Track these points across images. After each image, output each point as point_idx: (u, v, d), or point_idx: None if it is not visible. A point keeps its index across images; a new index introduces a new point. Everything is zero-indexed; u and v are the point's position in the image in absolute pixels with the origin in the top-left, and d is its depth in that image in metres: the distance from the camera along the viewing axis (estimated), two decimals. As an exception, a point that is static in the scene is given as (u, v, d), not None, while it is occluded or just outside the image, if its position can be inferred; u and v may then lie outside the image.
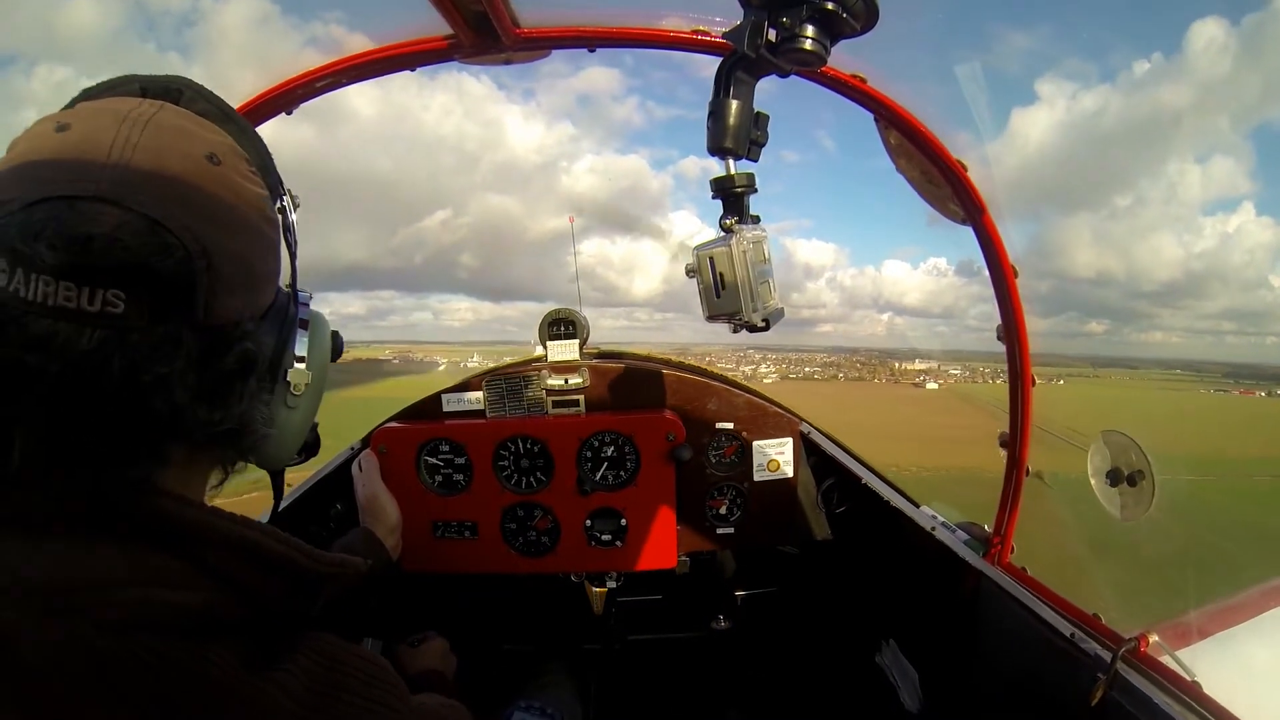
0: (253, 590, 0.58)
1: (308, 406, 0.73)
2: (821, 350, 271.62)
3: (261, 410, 0.65)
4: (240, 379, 0.60)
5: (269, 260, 0.65)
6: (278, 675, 0.53)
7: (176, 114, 0.62)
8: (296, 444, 0.75)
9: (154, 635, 0.49)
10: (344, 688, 0.57)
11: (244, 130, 0.69)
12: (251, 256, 0.61)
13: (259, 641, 0.56)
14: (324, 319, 0.77)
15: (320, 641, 0.59)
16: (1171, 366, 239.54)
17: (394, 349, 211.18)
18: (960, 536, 1.68)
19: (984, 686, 1.58)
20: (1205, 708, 1.05)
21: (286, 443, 0.72)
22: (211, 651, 0.51)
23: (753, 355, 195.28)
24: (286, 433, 0.71)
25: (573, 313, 1.82)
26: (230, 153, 0.63)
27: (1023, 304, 1.40)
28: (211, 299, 0.55)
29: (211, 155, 0.60)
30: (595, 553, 1.83)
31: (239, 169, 0.62)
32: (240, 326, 0.60)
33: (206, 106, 0.66)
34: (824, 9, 0.82)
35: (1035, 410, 1.48)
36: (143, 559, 0.53)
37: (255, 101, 1.22)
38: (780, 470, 1.91)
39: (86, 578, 0.50)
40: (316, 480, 1.83)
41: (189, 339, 0.54)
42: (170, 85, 0.65)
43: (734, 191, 1.01)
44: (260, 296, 0.63)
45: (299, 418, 0.72)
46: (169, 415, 0.54)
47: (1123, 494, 1.34)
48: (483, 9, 1.06)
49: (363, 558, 1.44)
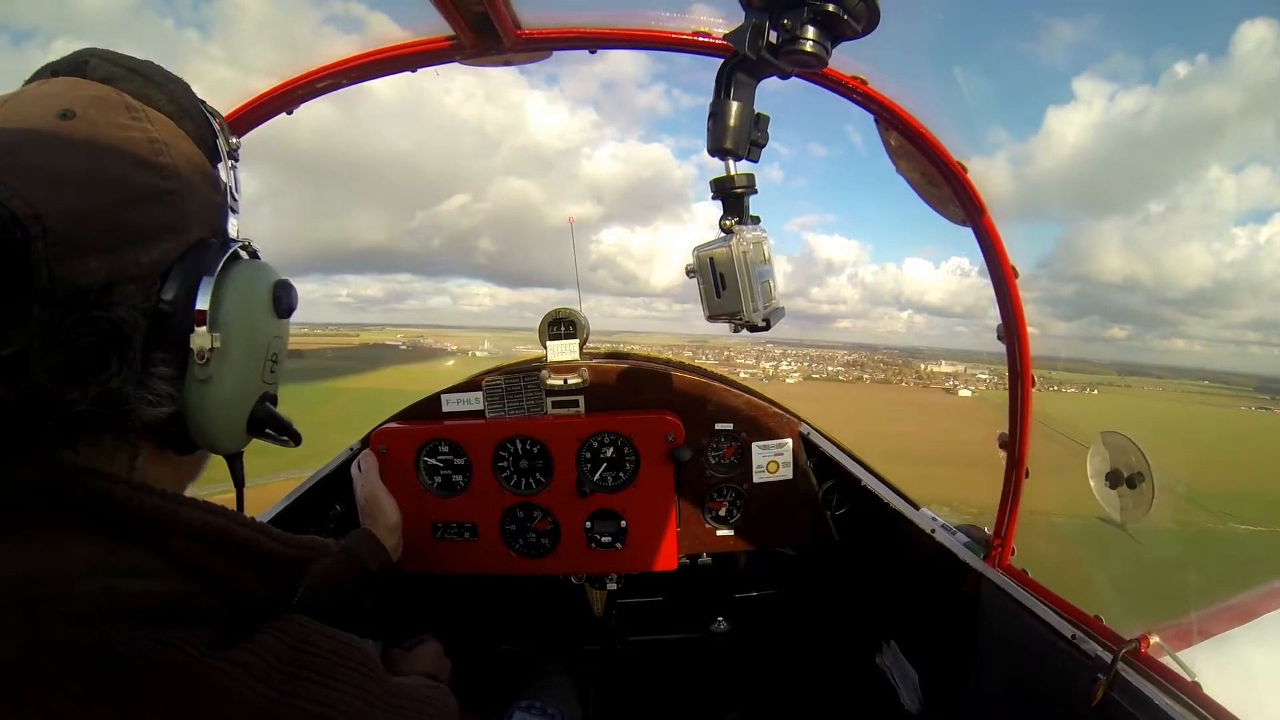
0: (222, 577, 0.58)
1: (230, 378, 0.62)
2: (842, 347, 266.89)
3: (159, 386, 0.58)
4: (105, 351, 0.53)
5: (147, 211, 0.57)
6: (242, 655, 0.52)
7: (58, 83, 0.60)
8: (228, 423, 0.65)
9: (120, 625, 0.49)
10: (312, 667, 0.56)
11: (154, 82, 0.64)
12: (110, 210, 0.54)
13: (228, 630, 0.55)
14: (259, 271, 0.67)
15: (289, 622, 0.58)
16: (1198, 377, 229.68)
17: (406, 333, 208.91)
18: (960, 539, 1.68)
19: (984, 688, 1.58)
20: (1206, 709, 1.05)
21: (208, 422, 0.62)
22: (178, 638, 0.50)
23: (772, 351, 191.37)
24: (204, 410, 0.61)
25: (573, 312, 1.82)
26: (99, 104, 0.58)
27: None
28: (55, 264, 0.50)
29: (65, 112, 0.55)
30: (595, 554, 1.83)
31: (110, 119, 0.57)
32: (110, 292, 0.53)
33: (112, 69, 0.63)
34: (825, 11, 0.82)
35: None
36: (108, 549, 0.53)
37: (256, 101, 1.22)
38: (779, 472, 1.90)
39: (51, 570, 0.50)
40: (316, 481, 1.83)
41: (39, 313, 0.49)
42: (77, 59, 0.63)
43: (734, 192, 1.01)
44: (136, 254, 0.55)
45: (218, 392, 0.61)
46: (37, 398, 0.50)
47: (1122, 496, 1.34)
48: (484, 10, 1.06)
49: (363, 558, 1.44)
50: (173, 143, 0.61)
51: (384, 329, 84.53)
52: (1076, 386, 13.92)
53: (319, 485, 1.82)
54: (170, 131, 0.62)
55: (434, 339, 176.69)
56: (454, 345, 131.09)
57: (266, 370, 0.68)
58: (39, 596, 0.48)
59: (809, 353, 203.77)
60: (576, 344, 1.81)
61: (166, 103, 0.64)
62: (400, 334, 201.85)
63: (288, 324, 0.71)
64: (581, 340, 1.82)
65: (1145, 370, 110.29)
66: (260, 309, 0.66)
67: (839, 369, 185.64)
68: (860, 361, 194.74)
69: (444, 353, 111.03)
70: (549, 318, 1.83)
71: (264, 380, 0.68)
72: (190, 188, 0.62)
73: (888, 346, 42.45)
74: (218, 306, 0.60)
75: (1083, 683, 1.21)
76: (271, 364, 0.69)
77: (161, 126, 0.61)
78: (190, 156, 0.63)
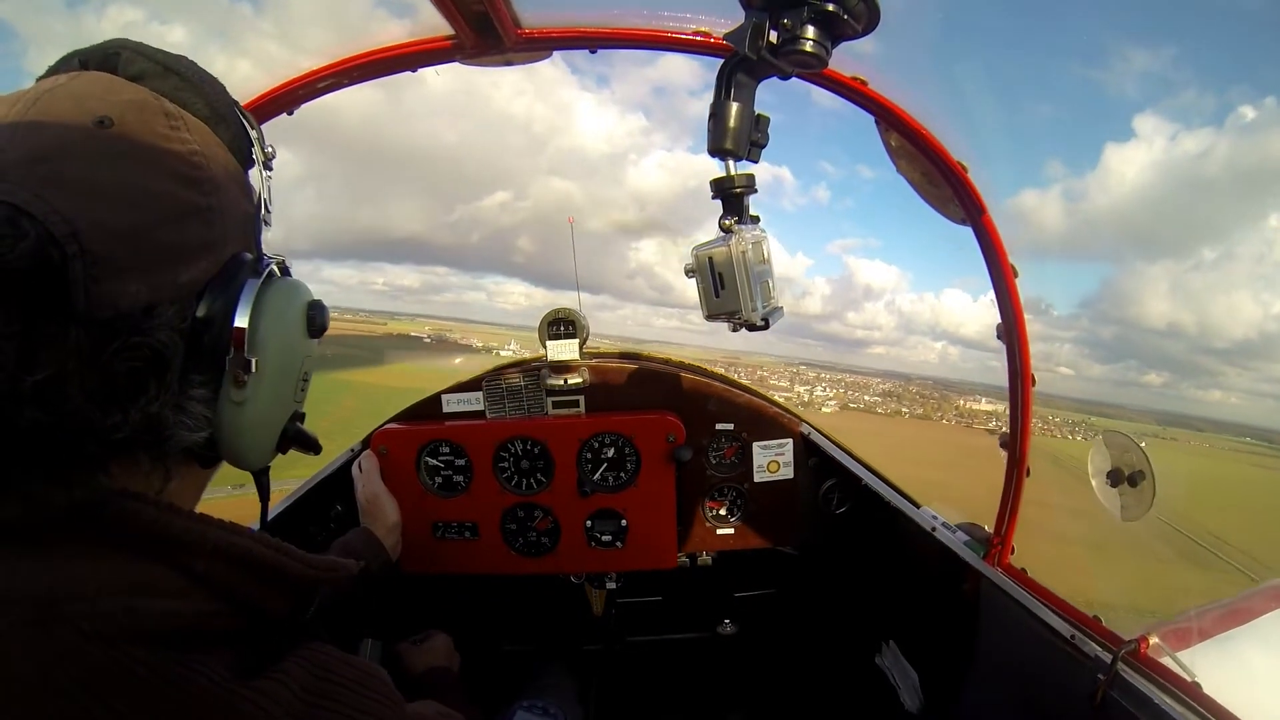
0: (245, 598, 0.57)
1: (265, 399, 0.62)
2: (875, 374, 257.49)
3: (195, 408, 0.57)
4: (142, 376, 0.52)
5: (187, 229, 0.55)
6: (266, 685, 0.52)
7: (91, 81, 0.57)
8: (260, 443, 0.64)
9: (141, 646, 0.48)
10: (335, 697, 0.56)
11: (190, 82, 0.62)
12: (151, 229, 0.52)
13: (252, 650, 0.55)
14: (294, 290, 0.65)
15: (312, 650, 0.58)
16: (1238, 432, 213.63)
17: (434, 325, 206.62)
18: (960, 537, 1.67)
19: (984, 688, 1.58)
20: (1205, 709, 1.05)
21: (242, 443, 0.62)
22: (200, 662, 0.50)
23: (806, 374, 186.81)
24: (239, 432, 0.60)
25: (573, 312, 1.83)
26: (137, 110, 0.55)
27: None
28: (94, 286, 0.48)
29: (103, 119, 0.53)
30: (595, 554, 1.83)
31: (150, 127, 0.55)
32: (151, 314, 0.52)
33: (145, 64, 0.60)
34: (825, 10, 0.82)
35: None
36: (132, 569, 0.53)
37: (257, 101, 1.22)
38: (780, 471, 1.91)
39: (75, 588, 0.49)
40: (316, 481, 1.83)
41: (76, 335, 0.48)
42: (109, 50, 0.60)
43: (733, 192, 1.01)
44: (175, 274, 0.54)
45: (252, 413, 0.61)
46: (74, 422, 0.49)
47: (1123, 495, 1.34)
48: (484, 9, 1.06)
49: (363, 559, 1.45)
50: (211, 153, 0.59)
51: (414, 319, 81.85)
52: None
53: (320, 485, 1.82)
54: (208, 140, 0.60)
55: (461, 334, 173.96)
56: (480, 342, 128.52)
57: (298, 390, 0.68)
58: (59, 615, 0.47)
59: (844, 378, 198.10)
60: (576, 344, 1.81)
61: (203, 106, 0.62)
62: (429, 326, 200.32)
63: (317, 344, 0.70)
64: (581, 340, 1.82)
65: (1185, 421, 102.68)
66: (295, 329, 0.65)
67: (875, 399, 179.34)
68: (896, 392, 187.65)
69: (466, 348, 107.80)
70: (548, 317, 1.84)
71: (295, 400, 0.68)
72: (228, 202, 0.60)
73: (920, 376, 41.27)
74: (255, 327, 0.58)
75: (1082, 683, 1.21)
76: (303, 383, 0.68)
77: (200, 135, 0.59)
78: (227, 167, 0.61)
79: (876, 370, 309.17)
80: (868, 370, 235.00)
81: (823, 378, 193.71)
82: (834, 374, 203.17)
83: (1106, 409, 30.31)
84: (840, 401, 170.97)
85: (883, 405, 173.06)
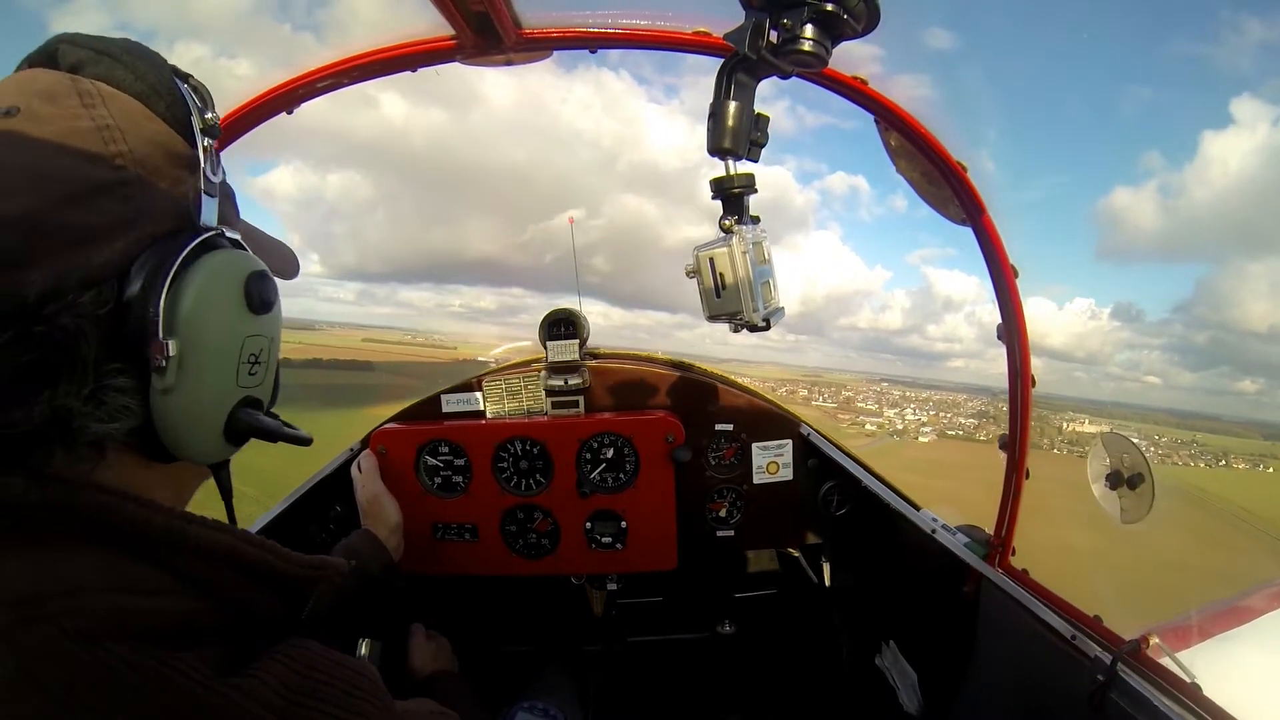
0: (231, 595, 0.57)
1: (196, 385, 0.57)
2: (957, 388, 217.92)
3: (115, 399, 0.53)
4: (50, 366, 0.50)
5: (97, 208, 0.52)
6: (248, 683, 0.51)
7: (17, 78, 0.56)
8: (200, 434, 0.59)
9: (124, 644, 0.48)
10: (319, 695, 0.55)
11: (121, 61, 0.59)
12: (49, 212, 0.50)
13: (239, 648, 0.54)
14: (228, 263, 0.59)
15: (298, 648, 0.57)
16: None
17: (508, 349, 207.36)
18: (961, 539, 1.67)
19: (983, 688, 1.58)
20: (1205, 709, 1.05)
21: (178, 434, 0.57)
22: (182, 660, 0.49)
23: (890, 393, 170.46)
24: (171, 422, 0.56)
25: (573, 312, 1.83)
26: (48, 96, 0.54)
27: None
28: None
29: (9, 110, 0.51)
30: (595, 555, 1.83)
31: (58, 110, 0.53)
32: (55, 299, 0.49)
33: (81, 53, 0.58)
34: (824, 10, 0.82)
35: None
36: (115, 566, 0.52)
37: (256, 102, 1.22)
38: (779, 472, 1.90)
39: (57, 585, 0.49)
40: (316, 482, 1.82)
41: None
42: (47, 48, 0.59)
43: (733, 192, 1.01)
44: (86, 256, 0.51)
45: (182, 400, 0.56)
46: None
47: (1123, 497, 1.34)
48: (484, 9, 1.06)
49: (364, 559, 1.45)
50: (132, 127, 0.56)
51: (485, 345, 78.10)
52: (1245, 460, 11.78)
53: (319, 486, 1.82)
54: (132, 114, 0.57)
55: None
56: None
57: (244, 373, 0.62)
58: (41, 613, 0.47)
59: (931, 397, 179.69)
60: (576, 344, 1.81)
61: (134, 82, 0.58)
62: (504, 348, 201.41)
63: (273, 320, 0.65)
64: (581, 340, 1.82)
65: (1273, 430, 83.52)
66: (227, 306, 0.60)
67: (969, 420, 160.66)
68: (989, 412, 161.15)
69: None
70: (549, 318, 1.83)
71: (240, 384, 0.62)
72: (154, 175, 0.56)
73: (1002, 389, 39.89)
74: (174, 307, 0.54)
75: (1082, 683, 1.21)
76: (251, 365, 0.63)
77: (121, 110, 0.56)
78: (156, 139, 0.58)
79: (957, 384, 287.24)
80: (948, 384, 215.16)
81: (909, 396, 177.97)
82: (915, 390, 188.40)
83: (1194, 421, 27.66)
84: (935, 427, 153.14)
85: (977, 427, 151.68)
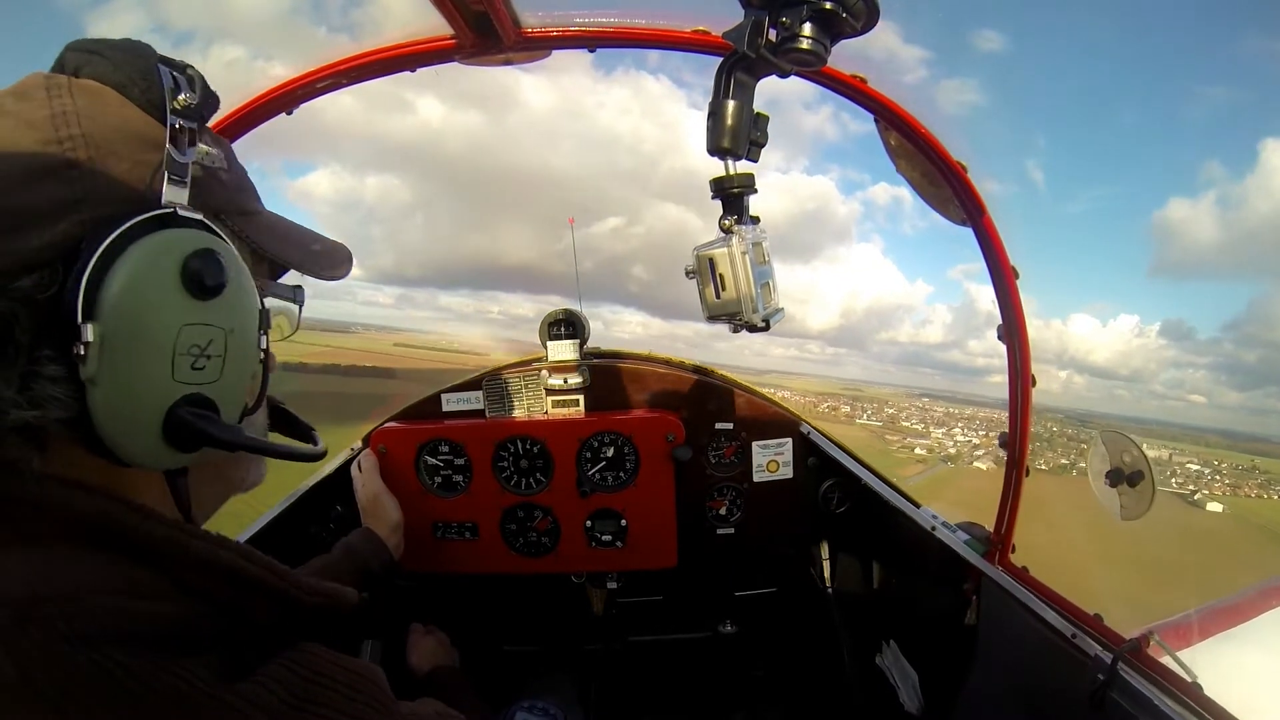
0: (229, 604, 0.57)
1: (123, 376, 0.53)
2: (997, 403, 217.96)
3: (44, 387, 0.51)
4: None
5: (37, 190, 0.51)
6: (249, 688, 0.50)
7: (10, 85, 0.57)
8: (131, 431, 0.54)
9: (122, 648, 0.47)
10: (322, 700, 0.54)
11: (105, 55, 0.58)
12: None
13: (240, 652, 0.54)
14: (165, 244, 0.55)
15: (301, 652, 0.56)
16: None
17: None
18: (961, 536, 1.67)
19: (984, 687, 1.58)
20: (1205, 709, 1.05)
21: (107, 430, 0.53)
22: (181, 665, 0.49)
23: (934, 409, 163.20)
24: (99, 417, 0.52)
25: (573, 313, 1.83)
26: (19, 91, 0.55)
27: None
28: None
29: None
30: (596, 553, 1.83)
31: (20, 101, 0.54)
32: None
33: (81, 57, 0.59)
34: (823, 9, 0.82)
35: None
36: (115, 570, 0.52)
37: (256, 102, 1.22)
38: (780, 471, 1.91)
39: (55, 587, 0.49)
40: (316, 482, 1.82)
41: None
42: (59, 57, 0.59)
43: (732, 192, 1.01)
44: (23, 240, 0.50)
45: (109, 393, 0.52)
46: None
47: (1122, 495, 1.34)
48: (484, 9, 1.06)
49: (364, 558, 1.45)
50: (96, 113, 0.55)
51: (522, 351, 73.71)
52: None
53: (320, 486, 1.82)
54: (98, 99, 0.56)
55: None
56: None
57: (183, 367, 0.56)
58: (39, 615, 0.47)
59: (976, 414, 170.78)
60: (576, 344, 1.81)
61: (112, 73, 0.57)
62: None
63: (228, 307, 0.59)
64: (581, 340, 1.82)
65: None
66: (160, 290, 0.54)
67: None
68: (1043, 435, 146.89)
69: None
70: (549, 318, 1.84)
71: (179, 379, 0.56)
72: (110, 157, 0.54)
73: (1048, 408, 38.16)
74: (95, 290, 0.51)
75: (1082, 682, 1.21)
76: (194, 359, 0.56)
77: (87, 96, 0.55)
78: (125, 124, 0.56)
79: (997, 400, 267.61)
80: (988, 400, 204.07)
81: (952, 414, 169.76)
82: (956, 405, 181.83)
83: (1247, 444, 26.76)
84: (990, 451, 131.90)
85: (1039, 455, 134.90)
